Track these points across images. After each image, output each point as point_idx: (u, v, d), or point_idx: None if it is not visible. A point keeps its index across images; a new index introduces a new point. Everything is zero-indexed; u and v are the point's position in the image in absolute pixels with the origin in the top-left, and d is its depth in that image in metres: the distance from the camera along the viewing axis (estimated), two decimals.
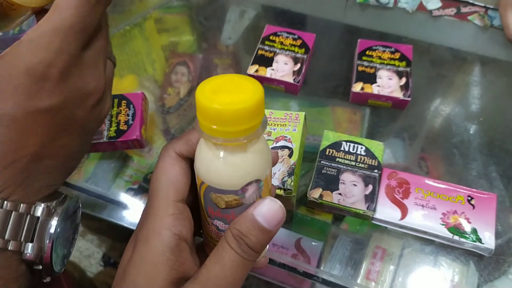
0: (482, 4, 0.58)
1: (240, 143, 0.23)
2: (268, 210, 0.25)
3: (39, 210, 0.26)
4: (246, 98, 0.22)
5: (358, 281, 0.43)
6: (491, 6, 0.58)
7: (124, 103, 0.50)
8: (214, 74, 0.59)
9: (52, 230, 0.26)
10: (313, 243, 0.48)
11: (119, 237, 0.92)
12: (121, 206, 0.48)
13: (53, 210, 0.26)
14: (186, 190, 0.26)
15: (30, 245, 0.25)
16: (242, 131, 0.22)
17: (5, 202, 0.24)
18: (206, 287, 0.24)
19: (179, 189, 0.26)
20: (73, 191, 0.50)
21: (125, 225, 0.47)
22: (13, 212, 0.24)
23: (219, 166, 0.24)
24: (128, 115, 0.49)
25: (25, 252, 0.25)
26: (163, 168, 0.26)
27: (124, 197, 0.49)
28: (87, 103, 0.26)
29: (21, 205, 0.25)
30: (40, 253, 0.26)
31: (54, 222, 0.26)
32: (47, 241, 0.26)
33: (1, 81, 0.23)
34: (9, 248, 0.24)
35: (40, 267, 0.26)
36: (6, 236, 0.24)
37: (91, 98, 0.27)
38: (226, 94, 0.22)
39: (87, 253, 1.24)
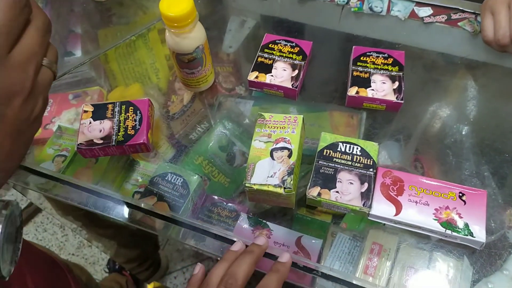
0: (472, 11, 0.61)
1: (186, 30, 0.49)
2: None
3: None
4: (184, 8, 0.47)
5: (357, 275, 0.45)
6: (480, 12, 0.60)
7: (131, 109, 0.52)
8: (216, 82, 0.62)
9: None
10: (313, 240, 0.50)
11: (123, 243, 0.94)
12: (128, 206, 0.50)
13: None
14: None
15: None
16: (187, 24, 0.49)
17: None
18: None
19: None
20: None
21: (132, 224, 0.50)
22: None
23: (182, 42, 0.50)
24: (135, 120, 0.51)
25: None
26: None
27: (131, 199, 0.51)
28: (13, 102, 0.28)
29: None
30: None
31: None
32: None
33: None
34: None
35: None
36: None
37: (17, 98, 0.28)
38: (175, 7, 0.48)
39: (92, 260, 1.26)
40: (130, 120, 0.51)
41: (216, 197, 0.54)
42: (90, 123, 0.52)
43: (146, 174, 0.56)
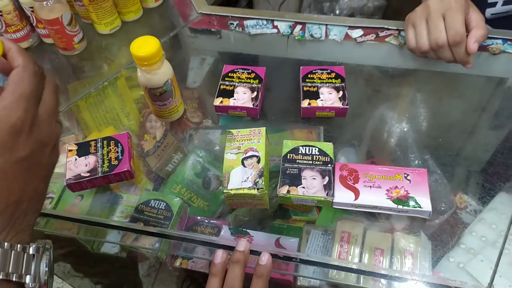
0: (395, 27, 0.72)
1: (155, 67, 0.57)
2: None
3: (32, 249, 0.33)
4: (152, 48, 0.55)
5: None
6: (403, 28, 0.72)
7: (112, 142, 0.58)
8: (184, 118, 0.68)
9: (44, 265, 0.34)
10: (290, 239, 0.55)
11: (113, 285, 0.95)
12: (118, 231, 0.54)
13: (42, 248, 0.34)
14: None
15: (28, 276, 0.32)
16: (156, 62, 0.56)
17: (4, 243, 0.31)
18: None
19: None
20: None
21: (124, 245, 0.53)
22: (12, 251, 0.31)
23: (153, 78, 0.58)
24: (117, 152, 0.57)
25: (26, 282, 0.32)
26: None
27: (121, 222, 0.56)
28: (45, 151, 0.34)
29: (17, 245, 0.32)
30: (38, 283, 0.33)
31: (46, 257, 0.34)
32: (44, 273, 0.33)
33: None
34: (13, 279, 0.31)
35: None
36: (9, 270, 0.31)
37: (48, 147, 0.34)
38: (144, 48, 0.55)
39: None
40: (113, 152, 0.57)
41: (198, 217, 0.58)
42: (75, 159, 0.57)
43: (129, 205, 0.59)
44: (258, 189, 0.50)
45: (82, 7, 0.76)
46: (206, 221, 0.59)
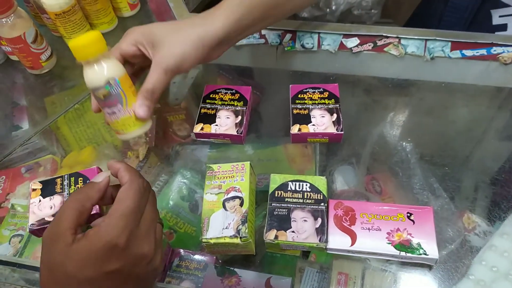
0: (395, 35, 0.65)
1: (92, 60, 0.43)
2: None
3: None
4: (89, 37, 0.43)
5: None
6: (403, 36, 0.65)
7: (80, 180, 0.52)
8: (170, 131, 0.63)
9: None
10: (282, 280, 0.50)
11: None
12: None
13: None
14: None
15: None
16: (92, 53, 0.43)
17: None
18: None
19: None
20: None
21: None
22: None
23: (91, 73, 0.44)
24: None
25: None
26: None
27: None
28: (142, 262, 0.36)
29: None
30: None
31: None
32: None
33: (87, 252, 0.34)
34: None
35: None
36: None
37: (145, 259, 0.36)
38: (80, 38, 0.43)
39: None
40: None
41: (182, 250, 0.54)
42: (39, 201, 0.51)
43: None
44: (241, 238, 0.44)
45: (49, 20, 0.69)
46: (191, 255, 0.54)
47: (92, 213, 0.40)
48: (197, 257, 0.53)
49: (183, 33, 0.48)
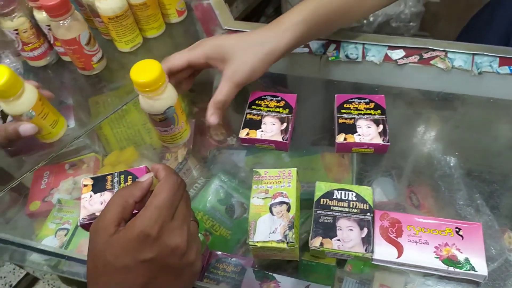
0: (441, 49, 0.65)
1: (156, 94, 0.52)
2: None
3: None
4: (153, 73, 0.49)
5: None
6: (450, 50, 0.64)
7: (129, 178, 0.53)
8: (207, 135, 0.64)
9: None
10: None
11: None
12: None
13: None
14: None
15: None
16: (157, 88, 0.51)
17: None
18: None
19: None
20: None
21: None
22: None
23: (154, 104, 0.52)
24: None
25: None
26: None
27: None
28: (175, 254, 0.37)
29: None
30: None
31: None
32: None
33: (123, 241, 0.36)
34: None
35: None
36: None
37: (178, 251, 0.37)
38: (144, 73, 0.50)
39: None
40: None
41: (219, 252, 0.54)
42: (90, 196, 0.52)
43: None
44: (288, 243, 0.44)
45: (102, 23, 0.71)
46: (229, 258, 0.54)
47: (133, 212, 0.41)
48: (234, 260, 0.54)
49: (252, 50, 0.55)
